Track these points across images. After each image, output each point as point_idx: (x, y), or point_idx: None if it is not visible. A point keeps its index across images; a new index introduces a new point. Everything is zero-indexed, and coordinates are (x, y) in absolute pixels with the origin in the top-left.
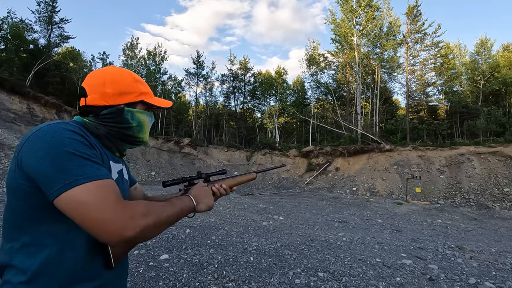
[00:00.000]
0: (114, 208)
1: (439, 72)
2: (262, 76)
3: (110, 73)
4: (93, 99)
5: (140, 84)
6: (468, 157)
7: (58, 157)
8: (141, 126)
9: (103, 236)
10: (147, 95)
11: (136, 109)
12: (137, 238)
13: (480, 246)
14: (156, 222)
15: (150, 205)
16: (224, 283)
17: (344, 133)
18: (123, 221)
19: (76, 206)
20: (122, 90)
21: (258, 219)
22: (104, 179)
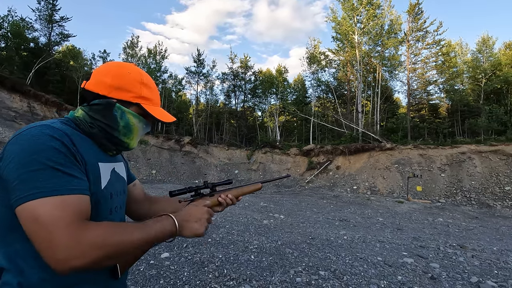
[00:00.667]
0: (66, 231)
1: (440, 71)
2: (263, 75)
3: (121, 66)
4: (90, 84)
5: (146, 88)
6: (469, 156)
7: (27, 164)
8: (129, 129)
9: (48, 262)
10: (148, 101)
11: (128, 109)
12: (88, 268)
13: (481, 244)
14: (116, 252)
15: (111, 232)
16: (225, 281)
17: (345, 131)
18: (71, 249)
19: (29, 220)
20: (120, 85)
21: (259, 218)
22: (70, 194)
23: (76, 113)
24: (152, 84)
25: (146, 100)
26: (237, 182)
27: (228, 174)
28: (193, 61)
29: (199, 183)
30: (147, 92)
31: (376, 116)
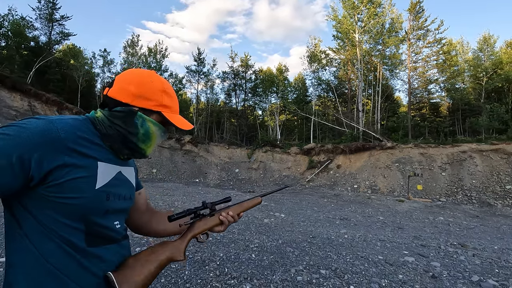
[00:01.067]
0: None
1: (441, 69)
2: (263, 73)
3: (144, 75)
4: (114, 92)
5: (167, 96)
6: (470, 155)
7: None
8: (148, 136)
9: None
10: (168, 109)
11: (149, 118)
12: None
13: (482, 243)
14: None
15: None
16: (226, 280)
17: (346, 130)
18: None
19: None
20: (143, 94)
21: (260, 216)
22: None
23: (96, 113)
24: (172, 92)
25: (166, 108)
26: (237, 181)
27: (229, 173)
28: (194, 60)
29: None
30: (168, 100)
31: (377, 115)
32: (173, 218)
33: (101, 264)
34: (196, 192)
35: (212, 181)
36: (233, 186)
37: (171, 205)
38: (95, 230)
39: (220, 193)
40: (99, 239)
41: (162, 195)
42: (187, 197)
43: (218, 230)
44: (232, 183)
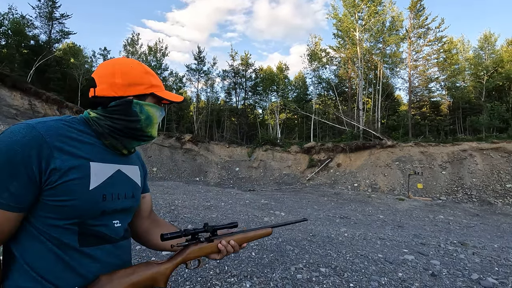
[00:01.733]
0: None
1: (442, 68)
2: (264, 72)
3: (121, 63)
4: (102, 90)
5: (151, 76)
6: (471, 153)
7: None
8: (150, 120)
9: None
10: (158, 88)
11: (145, 102)
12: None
13: (482, 242)
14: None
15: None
16: (226, 278)
17: (346, 129)
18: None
19: None
20: (131, 81)
21: (260, 215)
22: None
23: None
24: (151, 71)
25: (156, 87)
26: (238, 180)
27: (229, 171)
28: (194, 58)
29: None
30: (154, 79)
31: (377, 114)
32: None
33: (93, 265)
34: (196, 190)
35: (212, 180)
36: (233, 184)
37: (171, 204)
38: (90, 230)
39: (221, 192)
40: (93, 239)
41: (163, 194)
42: (187, 196)
43: (213, 258)
44: (232, 181)
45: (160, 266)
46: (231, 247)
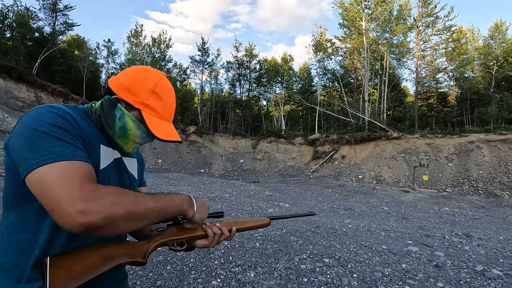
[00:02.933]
0: (79, 187)
1: (450, 58)
2: (268, 63)
3: (143, 70)
4: (111, 80)
5: (155, 98)
6: (478, 145)
7: (32, 136)
8: (125, 132)
9: (60, 218)
10: (151, 111)
11: (128, 113)
12: (101, 227)
13: (488, 234)
14: (129, 212)
15: (126, 193)
16: (231, 267)
17: (351, 120)
18: (86, 203)
19: (40, 184)
20: (130, 87)
21: (264, 206)
22: (76, 160)
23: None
24: (167, 97)
25: (150, 109)
26: (242, 172)
27: (233, 163)
28: (198, 49)
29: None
30: (155, 103)
31: (383, 105)
32: None
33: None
34: (201, 182)
35: (217, 172)
36: (238, 176)
37: None
38: None
39: (225, 183)
40: None
41: (168, 185)
42: (192, 187)
43: (202, 244)
44: (236, 173)
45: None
46: (218, 229)
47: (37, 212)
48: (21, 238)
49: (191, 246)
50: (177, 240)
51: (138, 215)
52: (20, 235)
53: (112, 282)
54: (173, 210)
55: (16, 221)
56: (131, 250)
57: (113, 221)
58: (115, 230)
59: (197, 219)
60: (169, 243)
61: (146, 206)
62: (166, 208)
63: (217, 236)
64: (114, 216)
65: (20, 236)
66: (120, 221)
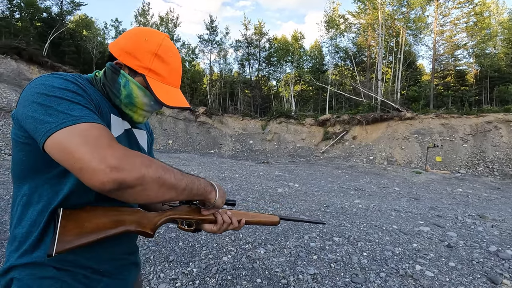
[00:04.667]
0: (108, 145)
1: (471, 33)
2: (278, 42)
3: (144, 32)
4: (112, 43)
5: (159, 61)
6: (496, 125)
7: (45, 102)
8: (131, 100)
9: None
10: (155, 75)
11: (133, 79)
12: (132, 187)
13: (502, 215)
14: (160, 178)
15: (155, 160)
16: (241, 245)
17: (363, 100)
18: (119, 159)
19: (63, 146)
20: (131, 51)
21: (274, 186)
22: (97, 123)
23: (98, 72)
24: (172, 61)
25: (154, 74)
26: (252, 153)
27: (243, 144)
28: (206, 28)
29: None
30: (159, 66)
31: (397, 84)
32: None
33: None
34: (211, 162)
35: (226, 152)
36: (248, 157)
37: None
38: None
39: (235, 164)
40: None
41: (179, 165)
42: (202, 167)
43: (209, 228)
44: (246, 154)
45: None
46: (228, 218)
47: (49, 184)
48: (34, 209)
49: (198, 228)
50: (187, 219)
51: (168, 183)
52: (33, 206)
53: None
54: (198, 189)
55: (28, 193)
56: (142, 219)
57: (145, 183)
58: (144, 194)
59: (218, 204)
60: (179, 220)
61: (176, 177)
62: (193, 185)
63: (225, 224)
64: (146, 178)
65: (34, 208)
66: (150, 185)
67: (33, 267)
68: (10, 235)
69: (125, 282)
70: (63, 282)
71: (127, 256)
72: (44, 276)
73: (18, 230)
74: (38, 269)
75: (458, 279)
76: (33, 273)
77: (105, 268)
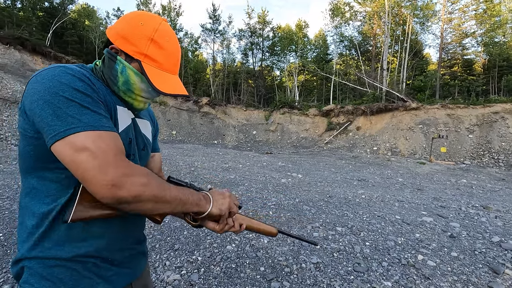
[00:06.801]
0: (113, 161)
1: (480, 21)
2: (282, 31)
3: (140, 15)
4: (109, 28)
5: (155, 47)
6: (503, 116)
7: (54, 101)
8: (129, 87)
9: (93, 189)
10: (151, 61)
11: (129, 65)
12: (129, 203)
13: (506, 206)
14: (155, 196)
15: (154, 176)
16: (245, 234)
17: (368, 90)
18: (119, 177)
19: (71, 153)
20: (127, 36)
21: (277, 177)
22: (104, 130)
23: (98, 62)
24: (169, 46)
25: (150, 60)
26: (255, 143)
27: (246, 134)
28: (208, 17)
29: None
30: (155, 52)
31: (403, 74)
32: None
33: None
34: (215, 153)
35: (230, 143)
36: (251, 147)
37: (191, 165)
38: None
39: (238, 154)
40: None
41: (183, 156)
42: (206, 158)
43: (211, 226)
44: (249, 145)
45: None
46: (232, 220)
47: (58, 183)
48: (43, 202)
49: (201, 224)
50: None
51: (163, 200)
52: (42, 199)
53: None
54: (192, 203)
55: (37, 187)
56: None
57: (141, 200)
58: (140, 209)
59: (215, 212)
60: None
61: (171, 194)
62: (187, 200)
63: (227, 226)
64: (142, 196)
65: (43, 200)
66: (146, 202)
67: (43, 256)
68: (21, 226)
69: (134, 271)
70: (73, 271)
71: (136, 246)
72: (54, 265)
73: (28, 222)
74: (49, 258)
75: (460, 268)
76: (43, 262)
77: (115, 258)
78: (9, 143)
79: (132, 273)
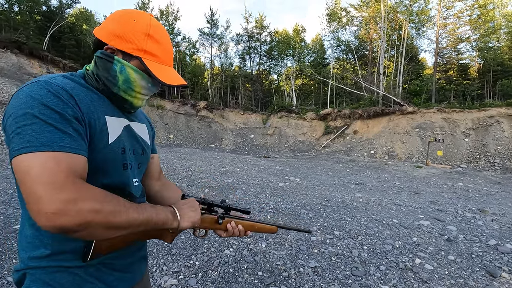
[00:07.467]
0: (60, 186)
1: (474, 26)
2: (279, 35)
3: (131, 13)
4: (97, 29)
5: (152, 42)
6: (498, 119)
7: (20, 118)
8: (129, 85)
9: (35, 215)
10: (152, 57)
11: (128, 63)
12: (75, 231)
13: (503, 209)
14: (108, 223)
15: (109, 199)
16: (242, 238)
17: (365, 94)
18: (63, 205)
19: (21, 174)
20: (122, 33)
21: (275, 180)
22: (61, 152)
23: (88, 66)
24: (163, 40)
25: (150, 55)
26: (253, 147)
27: (244, 138)
28: (206, 21)
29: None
30: (153, 47)
31: (399, 78)
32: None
33: None
34: (212, 157)
35: (227, 147)
36: (249, 151)
37: (188, 169)
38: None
39: (236, 158)
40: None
41: (180, 160)
42: (203, 162)
43: (219, 233)
44: (247, 148)
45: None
46: (238, 231)
47: None
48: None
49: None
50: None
51: (118, 225)
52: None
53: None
54: (157, 223)
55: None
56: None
57: (89, 228)
58: (91, 236)
59: (185, 226)
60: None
61: (128, 217)
62: (150, 220)
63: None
64: (91, 223)
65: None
66: (96, 229)
67: (45, 262)
68: (20, 234)
69: (135, 275)
70: (75, 275)
71: (137, 252)
72: (56, 270)
73: (28, 231)
74: (51, 263)
75: (457, 272)
76: (45, 267)
77: (117, 263)
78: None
79: (133, 277)
